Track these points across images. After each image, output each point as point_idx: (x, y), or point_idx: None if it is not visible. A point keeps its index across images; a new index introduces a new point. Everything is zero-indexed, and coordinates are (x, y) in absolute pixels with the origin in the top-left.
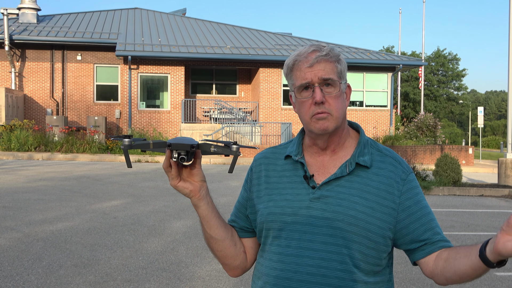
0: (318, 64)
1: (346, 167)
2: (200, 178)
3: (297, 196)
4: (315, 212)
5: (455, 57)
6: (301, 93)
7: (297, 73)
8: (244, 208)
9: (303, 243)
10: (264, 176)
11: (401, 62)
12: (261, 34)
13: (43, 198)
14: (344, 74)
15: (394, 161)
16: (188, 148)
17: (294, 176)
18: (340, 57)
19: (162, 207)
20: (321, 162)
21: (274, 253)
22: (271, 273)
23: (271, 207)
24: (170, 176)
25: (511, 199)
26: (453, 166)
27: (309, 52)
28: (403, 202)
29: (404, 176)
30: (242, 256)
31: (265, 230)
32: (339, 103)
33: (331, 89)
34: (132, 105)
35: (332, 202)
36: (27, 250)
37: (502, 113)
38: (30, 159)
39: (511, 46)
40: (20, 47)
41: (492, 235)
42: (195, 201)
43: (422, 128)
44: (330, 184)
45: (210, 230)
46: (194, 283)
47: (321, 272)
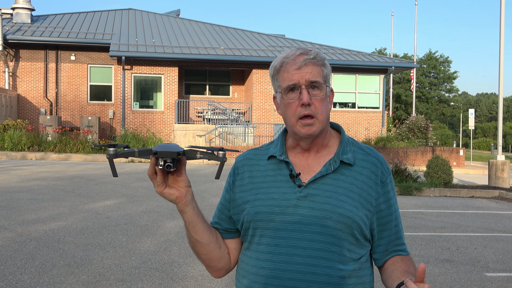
0: (305, 67)
1: (331, 165)
2: (185, 184)
3: (283, 195)
4: (302, 211)
5: (446, 60)
6: (288, 94)
7: (284, 75)
8: (227, 209)
9: (292, 241)
10: (248, 177)
11: (393, 64)
12: (254, 35)
13: (36, 197)
14: (328, 78)
15: (377, 161)
16: (174, 156)
17: (278, 175)
18: (325, 61)
19: (155, 207)
20: (305, 162)
21: (262, 252)
22: (259, 272)
23: (258, 206)
24: (156, 183)
25: (502, 201)
26: (444, 168)
27: (297, 55)
28: (378, 205)
29: (383, 179)
30: (226, 258)
31: (252, 229)
32: (324, 106)
33: (317, 91)
34: (126, 106)
35: (319, 200)
36: (20, 249)
37: (493, 115)
38: (23, 158)
39: (502, 49)
40: (14, 47)
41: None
42: (181, 207)
43: (413, 129)
44: (316, 182)
45: (196, 235)
46: (186, 283)
47: (311, 270)
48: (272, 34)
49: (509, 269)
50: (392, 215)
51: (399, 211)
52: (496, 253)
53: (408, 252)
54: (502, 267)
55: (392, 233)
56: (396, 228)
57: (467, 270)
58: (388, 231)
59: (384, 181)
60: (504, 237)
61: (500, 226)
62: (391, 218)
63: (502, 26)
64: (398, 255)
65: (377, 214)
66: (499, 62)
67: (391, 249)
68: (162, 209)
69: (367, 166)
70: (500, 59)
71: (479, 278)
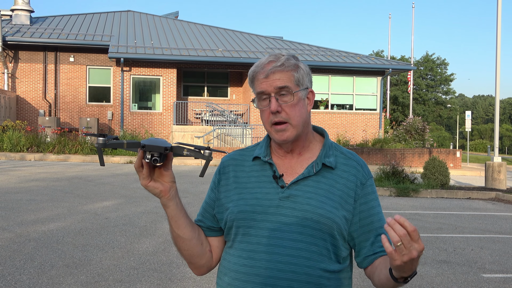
0: (273, 75)
1: (313, 168)
2: (170, 179)
3: (266, 195)
4: (284, 211)
5: (443, 62)
6: (261, 102)
7: (256, 83)
8: (211, 208)
9: (273, 240)
10: (233, 177)
11: (391, 66)
12: (252, 37)
13: (35, 198)
14: (303, 81)
15: (357, 165)
16: (161, 150)
17: (262, 176)
18: (299, 64)
19: (154, 208)
20: (288, 163)
21: (244, 250)
22: (240, 269)
23: (242, 205)
24: (141, 176)
25: (498, 202)
26: (441, 169)
27: (266, 63)
28: (358, 206)
29: (364, 181)
30: (208, 255)
31: (235, 228)
32: (297, 110)
33: (287, 98)
34: (124, 107)
35: (301, 201)
36: (19, 250)
37: (489, 117)
38: (22, 159)
39: (498, 51)
40: (13, 48)
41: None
42: (164, 201)
43: (410, 131)
44: (298, 183)
45: (178, 230)
46: (185, 284)
47: (291, 268)
48: (270, 36)
49: (506, 270)
50: (375, 216)
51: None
52: (493, 254)
53: None
54: (499, 268)
55: (376, 234)
56: (380, 229)
57: (464, 271)
58: (372, 232)
59: (364, 183)
60: (501, 238)
61: (497, 228)
62: (374, 219)
63: (498, 28)
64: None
65: (358, 215)
66: (496, 65)
67: (378, 250)
68: (161, 210)
69: (348, 169)
70: (496, 61)
71: (476, 279)
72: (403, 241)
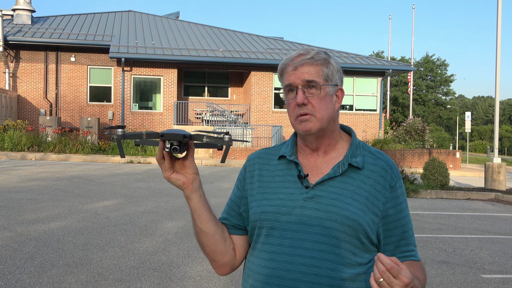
0: (301, 67)
1: (339, 168)
2: (193, 171)
3: (290, 195)
4: (308, 212)
5: (443, 63)
6: (288, 95)
7: (285, 76)
8: (237, 206)
9: (296, 242)
10: (257, 175)
11: (391, 67)
12: (253, 38)
13: (35, 197)
14: (333, 77)
15: (387, 165)
16: (180, 138)
17: (287, 175)
18: (329, 60)
19: (154, 207)
20: (314, 163)
21: (266, 251)
22: (262, 271)
23: (265, 205)
24: (163, 167)
25: (498, 203)
26: (440, 170)
27: (296, 56)
28: (386, 209)
29: (392, 183)
30: (231, 253)
31: (258, 228)
32: (323, 104)
33: (314, 90)
34: (125, 107)
35: (325, 202)
36: (20, 249)
37: (489, 118)
38: (23, 159)
39: (498, 52)
40: (14, 48)
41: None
42: (187, 193)
43: (410, 132)
44: (323, 184)
45: (201, 224)
46: (185, 283)
47: (313, 271)
48: (271, 37)
49: (505, 271)
50: (401, 220)
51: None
52: (492, 254)
53: (419, 258)
54: (498, 268)
55: (400, 238)
56: (404, 234)
57: (463, 271)
58: (395, 236)
59: (393, 186)
60: (500, 239)
61: (496, 228)
62: (399, 223)
63: (499, 30)
64: (407, 260)
65: (384, 219)
66: (496, 66)
67: (399, 255)
68: (161, 209)
69: (376, 170)
70: (496, 62)
71: (475, 280)
72: (384, 277)
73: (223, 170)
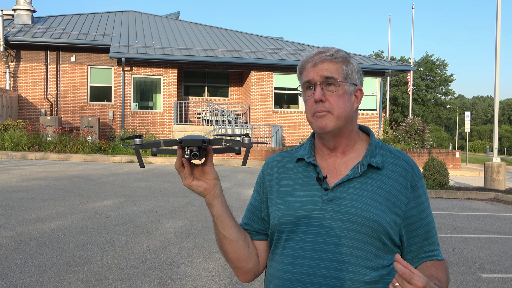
0: (321, 64)
1: (358, 169)
2: (213, 176)
3: (309, 198)
4: (328, 214)
5: (443, 63)
6: (306, 92)
7: (304, 73)
8: (258, 211)
9: (316, 245)
10: (276, 179)
11: (390, 67)
12: (253, 37)
13: (36, 197)
14: (352, 76)
15: (407, 165)
16: (199, 144)
17: (306, 178)
18: (349, 59)
19: (154, 207)
20: (332, 164)
21: (287, 256)
22: (283, 276)
23: (284, 209)
24: (183, 175)
25: (497, 203)
26: (440, 170)
27: (316, 53)
28: (408, 210)
29: (414, 183)
30: (255, 259)
31: (278, 233)
32: (341, 102)
33: (332, 87)
34: (125, 107)
35: (345, 203)
36: (20, 248)
37: (489, 118)
38: (23, 158)
39: (498, 52)
40: (15, 47)
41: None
42: (209, 199)
43: (410, 132)
44: (343, 185)
45: (224, 230)
46: (185, 283)
47: (335, 274)
48: (271, 37)
49: (504, 270)
50: (424, 220)
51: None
52: (492, 254)
53: (442, 258)
54: (498, 268)
55: (423, 239)
56: (427, 233)
57: (462, 271)
58: (418, 237)
59: (414, 186)
60: (500, 238)
61: (496, 228)
62: (422, 223)
63: (498, 30)
64: (429, 260)
65: (407, 219)
66: (495, 66)
67: (422, 255)
68: (161, 209)
69: (397, 170)
70: (496, 62)
71: (474, 279)
72: (399, 281)
73: (224, 170)
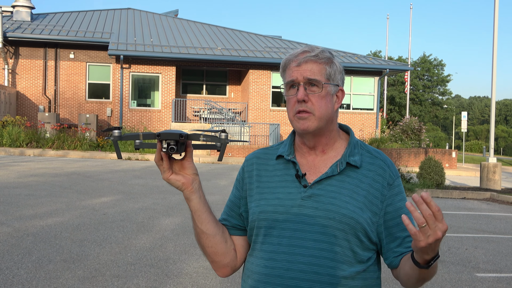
0: (305, 64)
1: (337, 167)
2: (192, 171)
3: (288, 194)
4: (306, 211)
5: (440, 63)
6: (288, 90)
7: (288, 72)
8: (237, 206)
9: (295, 241)
10: (256, 176)
11: (388, 66)
12: (251, 36)
13: (33, 193)
14: (335, 77)
15: (384, 164)
16: (177, 137)
17: (285, 175)
18: (332, 60)
19: (151, 204)
20: (312, 162)
21: (265, 251)
22: (262, 271)
23: (263, 205)
24: (162, 169)
25: (493, 202)
26: (436, 169)
27: (300, 52)
28: (385, 207)
29: (391, 181)
30: (232, 254)
31: (256, 228)
32: (323, 103)
33: (315, 88)
34: (124, 104)
35: (323, 200)
36: (17, 244)
37: (485, 118)
38: (21, 155)
39: (495, 53)
40: (13, 44)
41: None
42: (187, 194)
43: (407, 131)
44: (322, 183)
45: (201, 225)
46: (181, 280)
47: (313, 269)
48: (269, 35)
49: (499, 270)
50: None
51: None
52: (487, 254)
53: None
54: (493, 267)
55: (405, 235)
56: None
57: (458, 270)
58: (398, 233)
59: (391, 184)
60: (495, 238)
61: (491, 228)
62: (400, 220)
63: (495, 30)
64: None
65: (384, 216)
66: (492, 66)
67: (406, 250)
68: (158, 206)
69: (374, 169)
70: (493, 63)
71: (469, 278)
72: (428, 221)
73: (220, 167)
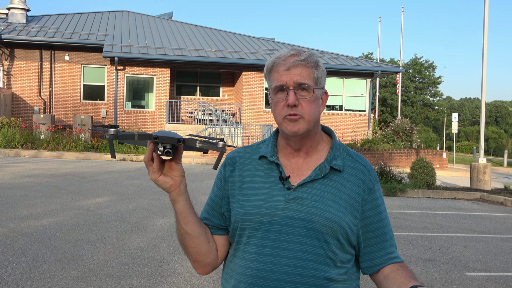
0: (295, 68)
1: (321, 170)
2: (180, 173)
3: (272, 196)
4: (291, 213)
5: (431, 65)
6: (276, 94)
7: (275, 75)
8: (218, 206)
9: (279, 243)
10: (238, 175)
11: (380, 68)
12: (245, 38)
13: (28, 194)
14: (321, 80)
15: (365, 169)
16: (174, 142)
17: (268, 176)
18: (319, 63)
19: (145, 205)
20: (295, 164)
21: (250, 252)
22: (246, 272)
23: (247, 206)
24: (151, 169)
25: (483, 202)
26: (427, 170)
27: (288, 55)
28: (365, 211)
29: (371, 186)
30: (214, 253)
31: (240, 230)
32: (312, 107)
33: (305, 93)
34: (118, 105)
35: (307, 203)
36: (12, 244)
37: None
38: (16, 156)
39: (485, 55)
40: (9, 46)
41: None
42: (174, 196)
43: (398, 132)
44: (305, 186)
45: (186, 226)
46: (175, 279)
47: (297, 271)
48: (262, 38)
49: (489, 269)
50: (381, 222)
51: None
52: (477, 253)
53: (402, 260)
54: (482, 266)
55: (383, 240)
56: (385, 235)
57: (448, 269)
58: (378, 237)
59: (371, 188)
60: (485, 237)
61: (481, 227)
62: (379, 224)
63: (485, 32)
64: (394, 262)
65: (363, 221)
66: (482, 68)
67: (386, 257)
68: (152, 206)
69: (355, 173)
70: (483, 65)
71: (459, 277)
72: None
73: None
